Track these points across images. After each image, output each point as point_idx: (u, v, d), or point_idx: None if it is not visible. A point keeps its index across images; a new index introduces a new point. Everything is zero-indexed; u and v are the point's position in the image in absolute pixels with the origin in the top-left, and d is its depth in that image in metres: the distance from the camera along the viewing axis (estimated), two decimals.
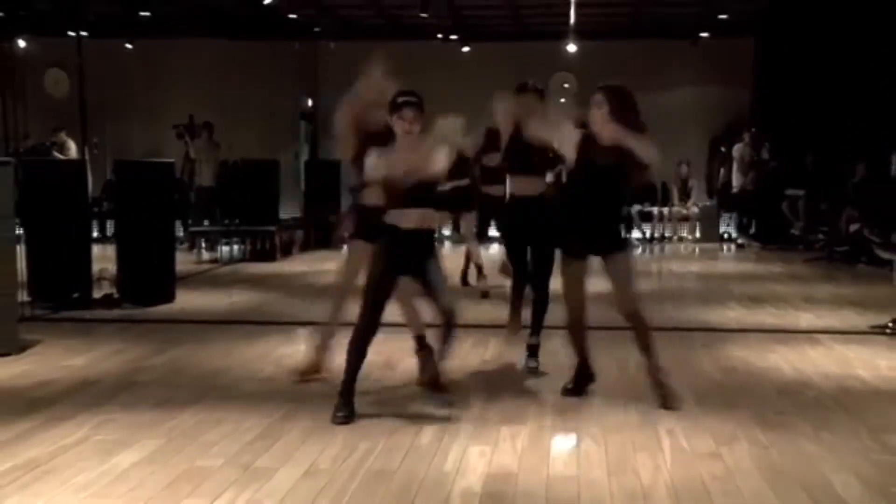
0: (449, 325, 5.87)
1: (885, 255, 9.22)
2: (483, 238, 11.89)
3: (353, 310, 6.08)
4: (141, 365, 7.21)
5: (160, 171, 10.74)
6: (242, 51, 19.83)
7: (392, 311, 9.84)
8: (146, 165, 11.26)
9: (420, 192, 5.58)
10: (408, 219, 5.63)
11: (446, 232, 15.86)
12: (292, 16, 18.08)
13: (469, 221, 10.95)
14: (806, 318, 9.34)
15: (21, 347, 7.56)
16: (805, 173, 15.74)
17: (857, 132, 15.27)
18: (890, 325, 8.62)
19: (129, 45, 19.64)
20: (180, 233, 14.90)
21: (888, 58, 14.83)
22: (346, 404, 5.67)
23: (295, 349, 7.93)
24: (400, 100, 5.74)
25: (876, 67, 15.25)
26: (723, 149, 18.03)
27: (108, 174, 16.67)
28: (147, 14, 18.06)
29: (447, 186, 6.44)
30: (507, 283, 7.77)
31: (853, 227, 14.21)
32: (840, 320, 9.28)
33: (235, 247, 15.17)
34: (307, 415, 5.75)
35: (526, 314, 7.16)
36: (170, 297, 10.15)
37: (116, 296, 9.97)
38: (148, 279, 10.00)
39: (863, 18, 15.25)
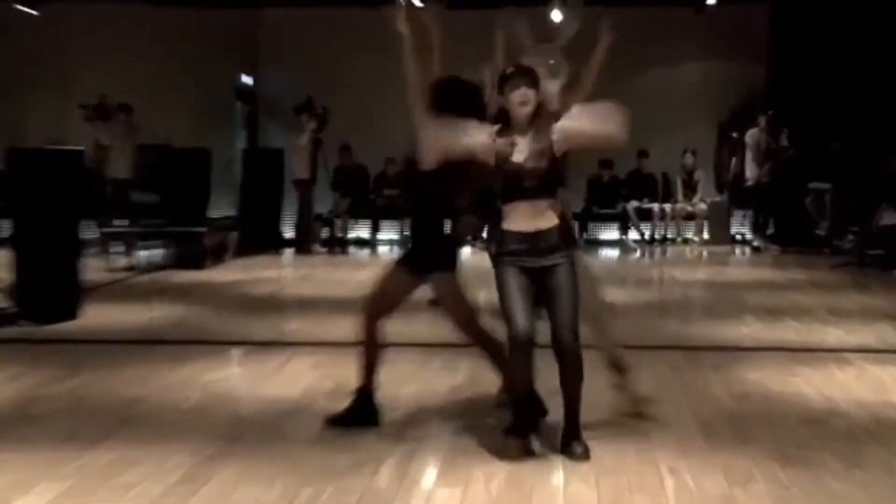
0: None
1: None
2: None
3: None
4: (40, 393, 7.11)
5: (65, 161, 10.63)
6: (168, 19, 19.64)
7: (334, 330, 9.84)
8: (47, 153, 11.14)
9: None
10: None
11: None
12: None
13: None
14: (834, 335, 9.40)
15: None
16: (831, 163, 15.82)
17: (892, 115, 15.39)
18: None
19: (32, 12, 19.38)
20: (90, 235, 14.77)
21: None
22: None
23: (227, 373, 7.89)
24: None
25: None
26: (734, 135, 18.11)
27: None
28: None
29: None
30: None
31: (889, 225, 14.31)
32: (874, 337, 9.35)
33: (156, 251, 15.10)
34: (241, 453, 5.71)
35: None
36: (73, 313, 10.04)
37: (12, 309, 9.86)
38: (49, 291, 9.89)
39: None
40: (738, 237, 18.22)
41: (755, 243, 17.27)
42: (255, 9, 19.94)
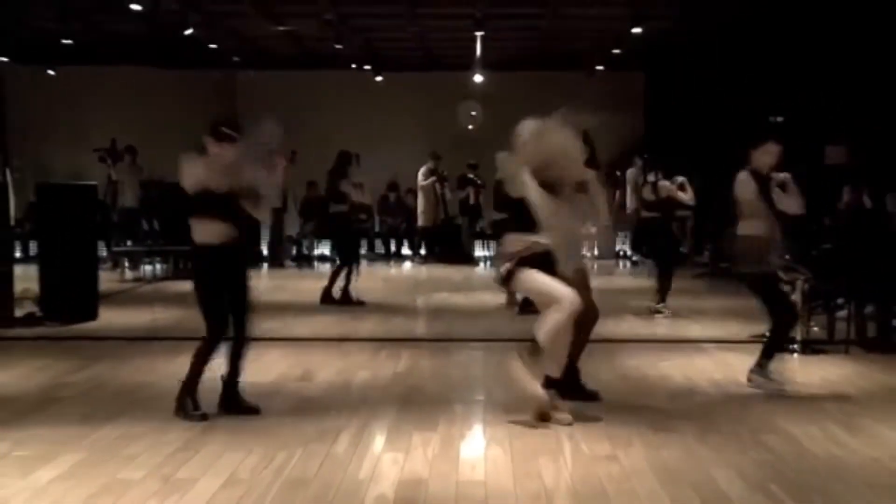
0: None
1: None
2: None
3: None
4: (62, 381, 7.03)
5: (83, 194, 10.53)
6: (164, 78, 19.65)
7: (312, 326, 9.79)
8: (68, 188, 10.99)
9: None
10: None
11: None
12: (212, 45, 17.92)
13: None
14: (694, 329, 9.53)
15: None
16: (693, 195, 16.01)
17: (736, 158, 15.65)
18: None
19: (51, 72, 19.29)
20: (103, 253, 14.60)
21: (753, 94, 15.33)
22: None
23: (214, 363, 7.83)
24: None
25: (745, 103, 15.75)
26: (618, 173, 18.29)
27: (30, 197, 16.29)
28: (69, 42, 17.78)
29: None
30: None
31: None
32: (724, 330, 9.49)
33: (158, 265, 14.97)
34: (226, 427, 5.68)
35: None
36: (92, 315, 9.93)
37: (39, 314, 9.74)
38: (71, 298, 9.76)
39: (737, 59, 15.72)
40: (621, 253, 18.40)
41: (633, 258, 17.46)
42: (233, 70, 19.91)
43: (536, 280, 5.76)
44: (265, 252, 17.53)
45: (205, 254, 6.03)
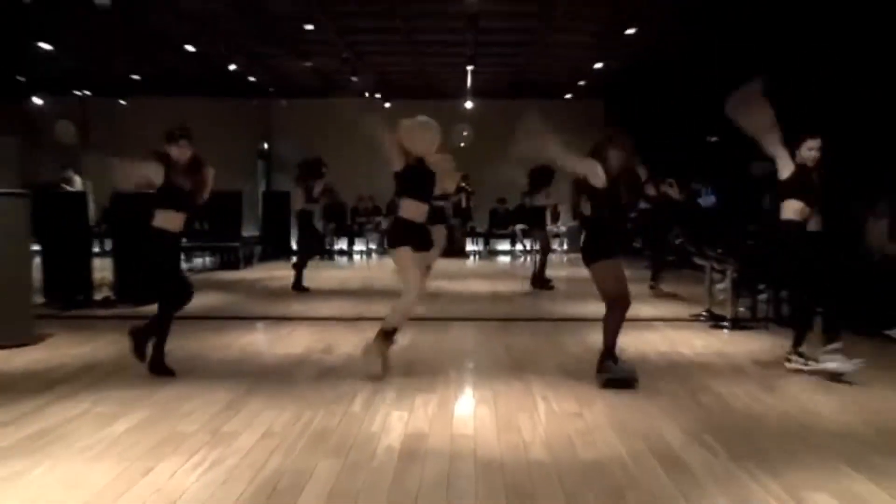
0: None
1: (699, 262, 9.49)
2: None
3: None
4: None
5: (148, 200, 10.49)
6: (213, 105, 19.71)
7: (325, 310, 9.77)
8: (136, 196, 10.93)
9: None
10: None
11: None
12: (252, 79, 17.94)
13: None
14: (645, 310, 9.53)
15: (36, 339, 7.40)
16: (648, 201, 15.99)
17: (676, 171, 15.66)
18: (703, 314, 8.87)
19: (122, 101, 19.38)
20: None
21: (693, 118, 15.33)
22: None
23: (254, 338, 7.84)
24: None
25: (687, 125, 15.76)
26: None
27: (105, 203, 16.27)
28: (137, 77, 17.82)
29: None
30: None
31: (678, 241, 14.53)
32: (669, 311, 9.51)
33: (207, 258, 14.95)
34: (264, 390, 5.67)
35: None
36: (156, 299, 9.90)
37: (113, 298, 9.76)
38: (139, 283, 9.77)
39: (679, 89, 15.72)
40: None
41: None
42: (269, 99, 19.88)
43: (405, 261, 5.93)
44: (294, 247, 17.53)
45: (165, 238, 6.05)
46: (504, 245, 19.56)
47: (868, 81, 9.88)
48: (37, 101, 19.64)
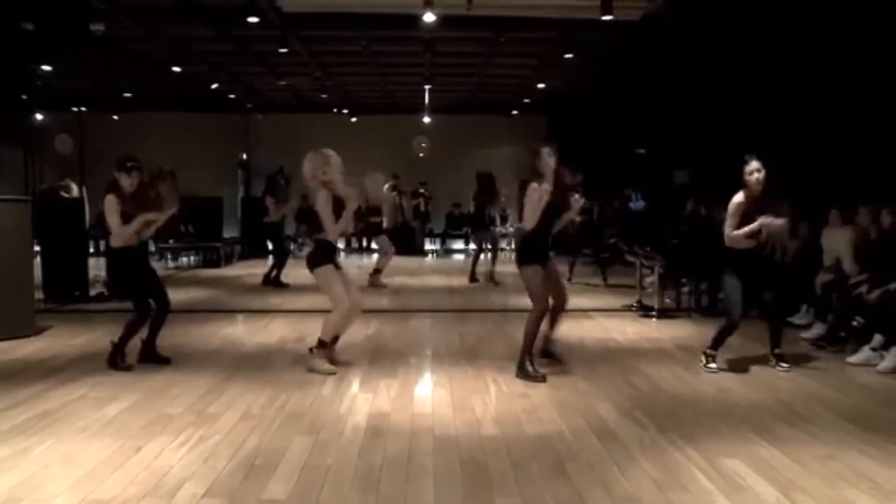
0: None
1: (630, 259, 9.60)
2: None
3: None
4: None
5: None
6: (197, 119, 19.53)
7: (298, 303, 9.68)
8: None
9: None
10: None
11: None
12: (232, 96, 17.74)
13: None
14: (582, 301, 9.63)
15: (38, 330, 7.30)
16: (588, 208, 16.13)
17: (610, 179, 15.85)
18: (634, 304, 8.98)
19: (115, 117, 19.14)
20: (153, 248, 14.33)
21: (624, 132, 15.53)
22: None
23: (234, 329, 7.76)
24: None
25: (619, 138, 15.95)
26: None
27: (99, 207, 16.00)
28: (129, 95, 17.58)
29: None
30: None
31: (612, 241, 14.68)
32: (604, 302, 9.60)
33: (192, 257, 14.75)
34: (242, 376, 5.63)
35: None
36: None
37: (106, 293, 9.58)
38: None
39: (611, 106, 15.91)
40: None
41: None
42: (247, 114, 19.72)
43: (329, 280, 5.74)
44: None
45: (122, 255, 5.83)
46: (459, 244, 19.56)
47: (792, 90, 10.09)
48: (38, 116, 19.31)
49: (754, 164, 5.63)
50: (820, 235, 7.82)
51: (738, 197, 5.62)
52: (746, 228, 5.57)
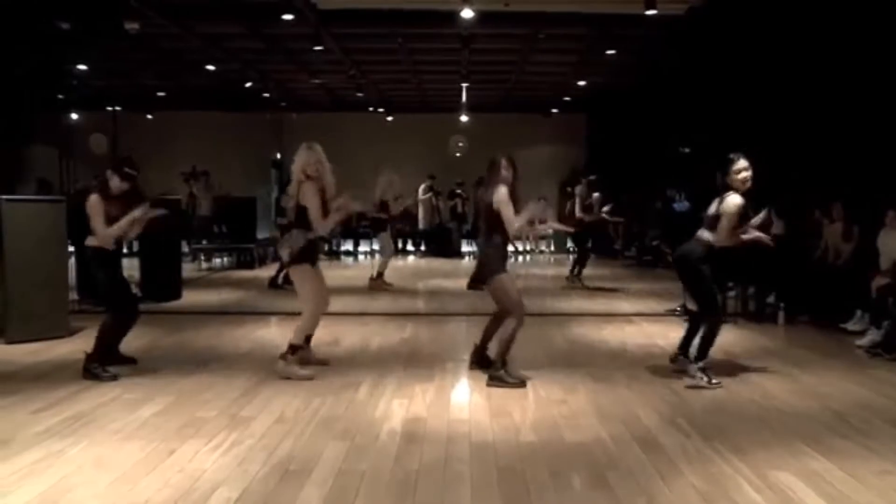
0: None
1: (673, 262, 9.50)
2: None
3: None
4: (157, 344, 7.04)
5: (171, 205, 10.45)
6: (230, 119, 19.75)
7: (339, 304, 9.73)
8: (161, 201, 10.92)
9: None
10: None
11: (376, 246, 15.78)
12: (265, 94, 17.92)
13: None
14: (624, 306, 9.54)
15: (72, 332, 7.39)
16: (624, 207, 16.02)
17: (653, 179, 15.68)
18: (678, 309, 8.86)
19: (149, 116, 19.48)
20: (186, 249, 14.55)
21: (667, 131, 15.35)
22: None
23: (267, 331, 7.83)
24: None
25: (662, 137, 15.77)
26: (569, 189, 18.25)
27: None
28: (162, 94, 17.83)
29: None
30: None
31: (654, 243, 14.56)
32: (646, 306, 9.50)
33: (225, 258, 14.93)
34: (275, 379, 5.66)
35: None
36: (178, 295, 9.92)
37: (139, 294, 9.70)
38: (162, 282, 9.76)
39: (654, 104, 15.73)
40: (571, 249, 18.32)
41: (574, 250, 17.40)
42: (282, 112, 19.89)
43: (304, 278, 5.75)
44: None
45: (98, 255, 5.79)
46: None
47: (822, 88, 9.88)
48: (73, 115, 19.74)
49: (742, 164, 5.54)
50: (876, 237, 7.65)
51: (738, 198, 5.50)
52: (751, 237, 5.71)
